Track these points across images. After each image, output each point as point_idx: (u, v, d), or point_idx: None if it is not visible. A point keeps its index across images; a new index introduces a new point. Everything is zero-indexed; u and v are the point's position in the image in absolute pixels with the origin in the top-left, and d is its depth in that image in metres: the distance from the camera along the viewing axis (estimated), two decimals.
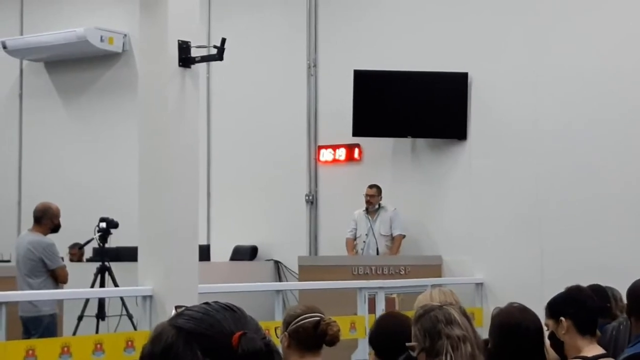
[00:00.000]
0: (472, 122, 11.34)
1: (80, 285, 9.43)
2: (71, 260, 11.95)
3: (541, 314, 4.47)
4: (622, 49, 10.49)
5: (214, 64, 10.44)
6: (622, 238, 10.27)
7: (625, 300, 5.18)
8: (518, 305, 4.24)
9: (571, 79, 10.73)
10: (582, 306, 4.41)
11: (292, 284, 11.38)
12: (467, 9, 11.38)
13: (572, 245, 10.49)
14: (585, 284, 6.46)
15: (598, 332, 5.52)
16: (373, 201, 11.48)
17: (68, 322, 9.62)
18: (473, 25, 11.30)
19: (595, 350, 4.34)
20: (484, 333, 4.46)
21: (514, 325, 4.13)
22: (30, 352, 6.41)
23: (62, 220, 9.56)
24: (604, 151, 10.53)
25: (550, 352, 4.47)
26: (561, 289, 4.95)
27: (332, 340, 4.36)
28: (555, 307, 4.44)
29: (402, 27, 11.73)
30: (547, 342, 4.43)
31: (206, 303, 1.78)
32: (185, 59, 7.30)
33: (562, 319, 4.34)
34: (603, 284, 6.64)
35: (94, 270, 9.70)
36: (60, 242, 9.98)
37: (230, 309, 1.77)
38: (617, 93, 10.49)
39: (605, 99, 10.55)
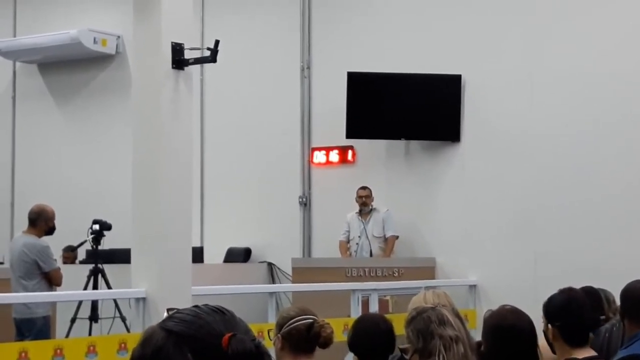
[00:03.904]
0: (466, 124, 11.35)
1: (73, 287, 9.41)
2: (65, 262, 11.93)
3: (534, 316, 4.46)
4: (619, 50, 10.48)
5: (207, 65, 10.44)
6: (616, 240, 10.27)
7: (618, 302, 5.17)
8: (510, 308, 4.24)
9: (566, 81, 10.73)
10: (573, 318, 4.37)
11: (285, 286, 11.38)
12: (460, 11, 11.38)
13: (566, 247, 10.50)
14: (578, 285, 6.46)
15: (591, 335, 5.52)
16: (368, 202, 11.48)
17: (61, 325, 9.60)
18: (467, 27, 11.31)
19: (586, 352, 4.34)
20: (477, 335, 4.45)
21: (507, 327, 4.12)
22: (23, 354, 6.39)
23: (55, 222, 9.54)
24: (599, 154, 10.52)
25: (545, 351, 4.44)
26: (554, 291, 4.94)
27: (326, 342, 4.36)
28: (548, 312, 4.43)
29: (395, 29, 11.73)
30: (544, 340, 4.42)
31: (196, 306, 1.79)
32: (179, 61, 7.29)
33: (550, 326, 4.35)
34: (596, 286, 6.63)
35: (87, 273, 9.69)
36: (54, 243, 9.96)
37: (219, 311, 1.77)
38: (614, 96, 10.48)
39: (601, 101, 10.55)
